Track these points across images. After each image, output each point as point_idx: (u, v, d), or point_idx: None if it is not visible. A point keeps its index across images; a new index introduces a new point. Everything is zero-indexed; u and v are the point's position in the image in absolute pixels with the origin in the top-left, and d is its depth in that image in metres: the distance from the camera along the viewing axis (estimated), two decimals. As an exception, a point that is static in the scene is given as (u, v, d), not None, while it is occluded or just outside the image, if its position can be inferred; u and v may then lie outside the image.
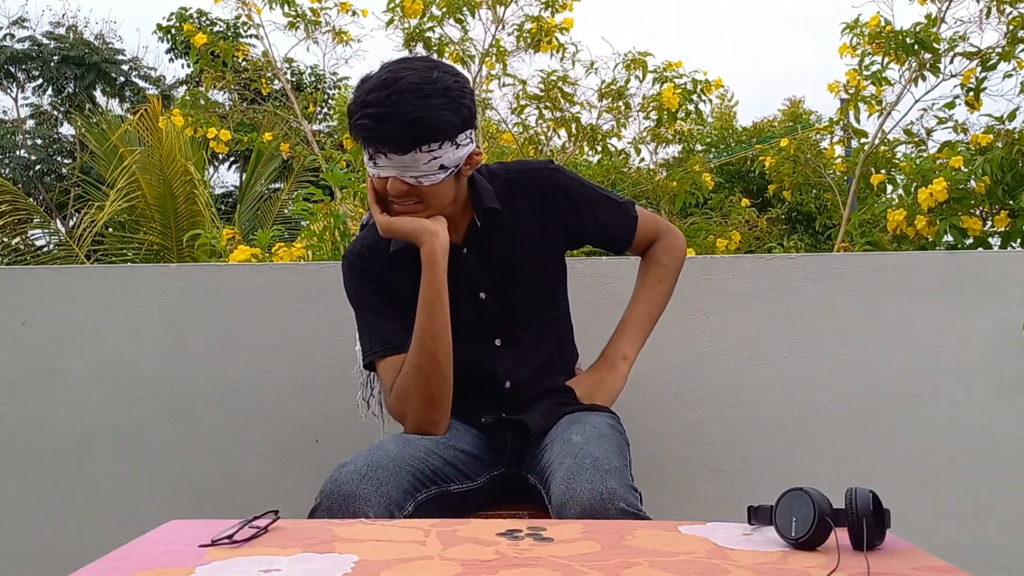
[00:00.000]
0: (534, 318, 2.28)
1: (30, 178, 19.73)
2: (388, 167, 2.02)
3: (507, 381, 2.25)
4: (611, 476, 1.84)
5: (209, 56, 6.60)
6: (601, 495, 1.79)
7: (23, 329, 3.03)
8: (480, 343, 2.24)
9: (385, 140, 1.98)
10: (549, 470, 1.97)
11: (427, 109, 1.96)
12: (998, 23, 5.51)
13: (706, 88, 6.24)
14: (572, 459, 1.91)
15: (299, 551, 1.42)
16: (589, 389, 2.31)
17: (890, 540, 1.46)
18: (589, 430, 2.05)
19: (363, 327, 2.25)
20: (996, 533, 2.88)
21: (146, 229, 11.42)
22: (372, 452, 1.94)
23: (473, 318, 2.20)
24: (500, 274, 2.23)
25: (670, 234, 2.45)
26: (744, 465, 2.93)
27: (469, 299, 2.19)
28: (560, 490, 1.85)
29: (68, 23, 22.20)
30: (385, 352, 2.17)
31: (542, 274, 2.29)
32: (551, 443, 2.07)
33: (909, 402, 2.91)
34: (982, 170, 4.76)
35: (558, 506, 1.84)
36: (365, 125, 1.98)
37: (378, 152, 2.01)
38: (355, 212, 5.38)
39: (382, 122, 1.96)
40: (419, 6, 5.97)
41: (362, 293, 2.24)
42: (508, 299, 2.24)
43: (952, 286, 2.91)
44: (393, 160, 2.00)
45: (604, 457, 1.91)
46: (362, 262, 2.25)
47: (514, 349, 2.26)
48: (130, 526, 2.65)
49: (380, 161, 2.02)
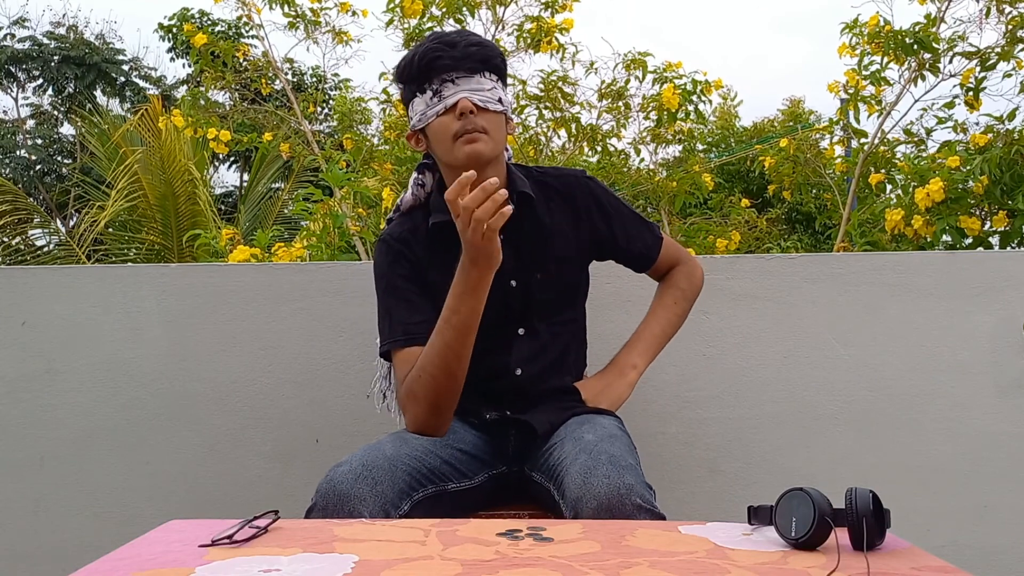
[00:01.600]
0: (555, 314, 2.29)
1: (30, 178, 19.74)
2: (456, 92, 2.15)
3: (518, 369, 2.24)
4: (628, 472, 1.84)
5: (209, 56, 6.60)
6: (619, 490, 1.79)
7: (23, 329, 3.03)
8: (501, 332, 2.23)
9: (460, 59, 2.14)
10: (562, 466, 1.97)
11: (486, 43, 2.22)
12: (997, 23, 5.53)
13: (706, 89, 6.24)
14: (587, 455, 1.91)
15: (299, 551, 1.42)
16: (596, 393, 2.31)
17: (890, 540, 1.46)
18: (600, 430, 2.05)
19: (384, 313, 2.24)
20: (996, 533, 2.88)
21: (147, 229, 11.43)
22: (368, 452, 1.93)
23: (499, 307, 2.17)
24: (531, 264, 2.24)
25: (691, 262, 2.50)
26: (744, 465, 2.93)
27: (498, 286, 2.14)
28: (576, 484, 1.84)
29: (68, 23, 22.22)
30: (405, 343, 2.16)
31: (568, 272, 2.31)
32: (561, 441, 2.06)
33: (909, 402, 2.91)
34: (980, 170, 4.76)
35: (573, 500, 1.83)
36: (437, 49, 2.15)
37: (445, 82, 2.15)
38: (353, 213, 5.39)
39: (453, 46, 2.15)
40: (419, 6, 5.98)
41: (394, 278, 2.24)
42: (534, 290, 2.24)
43: (952, 286, 2.91)
44: (460, 85, 2.14)
45: (619, 454, 1.91)
46: (401, 245, 2.26)
47: (531, 340, 2.26)
48: (130, 526, 2.66)
49: (447, 90, 2.15)
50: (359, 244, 5.88)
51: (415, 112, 2.20)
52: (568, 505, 1.87)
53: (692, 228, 6.92)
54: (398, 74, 2.24)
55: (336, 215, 4.62)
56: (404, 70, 2.21)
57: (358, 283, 2.94)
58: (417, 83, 2.18)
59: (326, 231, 4.65)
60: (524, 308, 2.24)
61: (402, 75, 2.23)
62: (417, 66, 2.16)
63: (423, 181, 2.35)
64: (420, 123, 2.19)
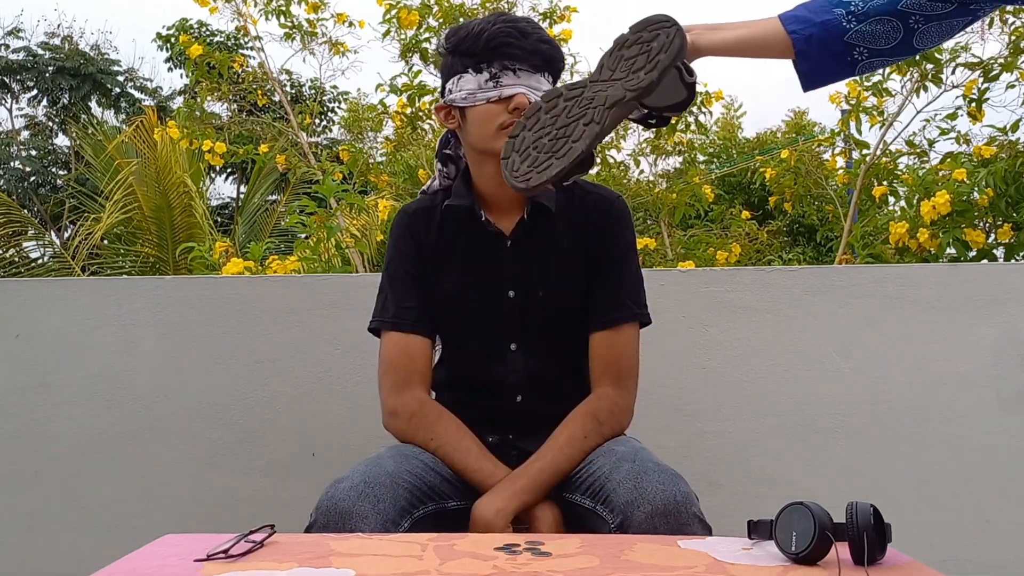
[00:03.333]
0: (553, 335, 2.18)
1: (24, 189, 19.74)
2: (514, 85, 2.04)
3: (518, 396, 2.18)
4: (680, 481, 1.81)
5: (205, 67, 6.61)
6: (675, 497, 1.76)
7: (17, 342, 3.02)
8: (494, 345, 2.18)
9: (528, 53, 2.04)
10: (604, 477, 1.91)
11: (553, 43, 2.11)
12: (1000, 33, 5.54)
13: (706, 100, 6.25)
14: (630, 463, 1.88)
15: (295, 566, 1.41)
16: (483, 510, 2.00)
17: (891, 555, 1.45)
18: (627, 443, 2.04)
19: (382, 289, 2.22)
20: (998, 548, 2.86)
21: (142, 241, 11.42)
22: (369, 467, 1.90)
23: (493, 316, 2.15)
24: (533, 277, 2.15)
25: (628, 395, 2.16)
26: (744, 479, 2.91)
27: (495, 294, 2.13)
28: (626, 489, 1.81)
29: (63, 33, 22.22)
30: (392, 325, 2.16)
31: (574, 297, 2.17)
32: (590, 460, 2.02)
33: (910, 415, 2.89)
34: (985, 182, 4.77)
35: (623, 505, 1.79)
36: (508, 34, 2.03)
37: (506, 70, 2.04)
38: (349, 225, 5.38)
39: (524, 36, 2.04)
40: (415, 17, 5.99)
41: (398, 253, 2.21)
42: (532, 306, 2.16)
43: (954, 299, 2.90)
44: (521, 78, 2.04)
45: (663, 463, 1.89)
46: (411, 220, 2.23)
47: (526, 358, 2.17)
48: (125, 540, 2.63)
49: (507, 79, 2.04)
50: (356, 257, 5.87)
51: (460, 88, 2.08)
52: (616, 511, 1.82)
53: (692, 240, 6.91)
54: (454, 43, 2.10)
55: (330, 228, 4.60)
56: (463, 42, 2.08)
57: (354, 296, 2.93)
58: (473, 59, 2.06)
59: (320, 243, 4.64)
60: (520, 322, 2.17)
61: (458, 46, 2.09)
62: (482, 45, 2.04)
63: (448, 173, 2.29)
64: (464, 102, 2.07)
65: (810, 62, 1.82)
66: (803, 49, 1.80)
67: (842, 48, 1.79)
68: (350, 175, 6.41)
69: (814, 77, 1.86)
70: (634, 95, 1.74)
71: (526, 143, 1.80)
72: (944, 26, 1.77)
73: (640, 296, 2.20)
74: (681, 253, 6.49)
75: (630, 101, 1.75)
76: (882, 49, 1.79)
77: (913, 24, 1.75)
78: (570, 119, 1.78)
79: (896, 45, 1.78)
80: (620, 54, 1.78)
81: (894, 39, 1.77)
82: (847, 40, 1.78)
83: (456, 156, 2.28)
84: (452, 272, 2.17)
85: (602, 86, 1.77)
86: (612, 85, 1.76)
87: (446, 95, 2.13)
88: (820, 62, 1.82)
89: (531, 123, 1.82)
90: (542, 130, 1.80)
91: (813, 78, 1.86)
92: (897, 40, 1.77)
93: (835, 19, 1.77)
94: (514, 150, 1.81)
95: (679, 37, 1.72)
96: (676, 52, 1.72)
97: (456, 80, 2.09)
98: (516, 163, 1.80)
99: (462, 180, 2.22)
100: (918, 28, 1.76)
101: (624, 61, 1.77)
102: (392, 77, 6.23)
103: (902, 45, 1.78)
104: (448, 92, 2.11)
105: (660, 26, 1.75)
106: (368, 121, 7.57)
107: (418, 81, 6.18)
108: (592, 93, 1.78)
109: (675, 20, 1.75)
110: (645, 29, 1.77)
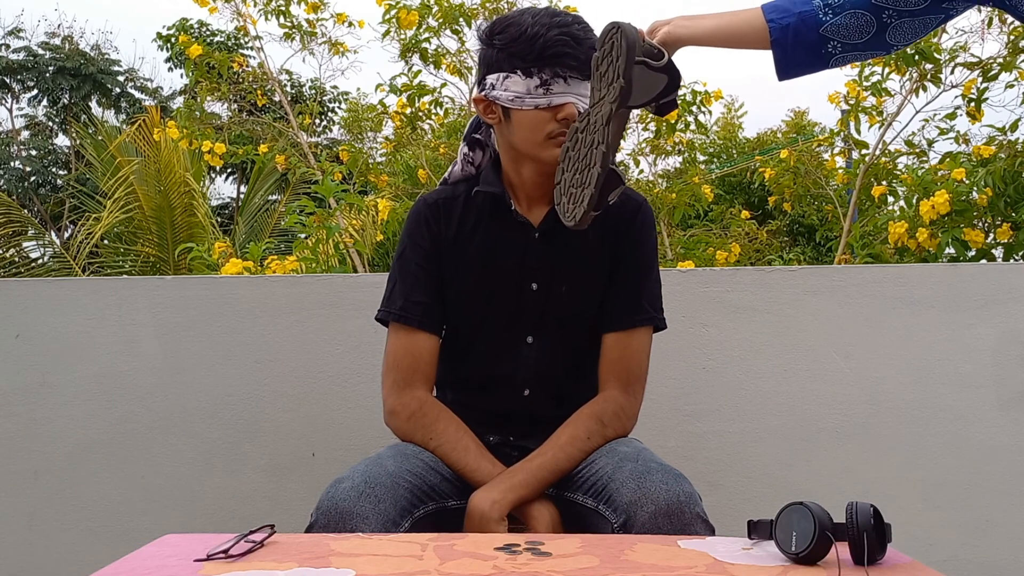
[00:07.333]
0: (569, 331, 2.17)
1: (25, 189, 19.74)
2: (564, 93, 2.00)
3: (526, 389, 2.17)
4: (684, 481, 1.81)
5: (205, 67, 6.61)
6: (679, 497, 1.76)
7: (17, 341, 3.01)
8: (509, 336, 2.16)
9: (582, 62, 1.98)
10: (606, 476, 1.91)
11: None
12: (999, 33, 5.53)
13: (705, 99, 6.24)
14: (633, 462, 1.88)
15: (295, 566, 1.41)
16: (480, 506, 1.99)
17: (891, 555, 1.46)
18: (630, 443, 2.04)
19: (391, 279, 2.19)
20: (998, 548, 2.86)
21: (143, 241, 11.41)
22: (370, 467, 1.90)
23: (514, 307, 2.14)
24: (558, 270, 2.13)
25: (634, 400, 2.15)
26: (744, 479, 2.91)
27: (518, 287, 2.12)
28: (629, 488, 1.81)
29: (64, 33, 22.22)
30: (398, 318, 2.13)
31: (590, 288, 2.16)
32: (592, 460, 2.02)
33: (910, 415, 2.89)
34: (984, 182, 4.77)
35: (626, 504, 1.79)
36: (563, 43, 1.97)
37: (558, 77, 1.99)
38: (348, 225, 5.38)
39: (579, 43, 1.98)
40: (415, 17, 5.98)
41: (412, 246, 2.17)
42: (553, 301, 2.14)
43: (954, 298, 2.90)
44: (572, 87, 2.00)
45: (666, 463, 1.88)
46: (431, 212, 2.18)
47: (539, 353, 2.16)
48: (125, 540, 2.64)
49: (557, 87, 1.99)
50: (355, 257, 5.87)
51: (507, 88, 2.01)
52: (620, 511, 1.82)
53: (692, 240, 6.91)
54: (503, 41, 2.03)
55: (330, 228, 4.60)
56: (514, 43, 2.00)
57: (354, 296, 2.93)
58: (523, 61, 1.99)
59: (319, 243, 4.64)
60: (539, 316, 2.15)
61: (508, 46, 2.02)
62: (537, 52, 1.98)
63: (472, 158, 2.24)
64: (511, 104, 2.01)
65: (785, 51, 1.84)
66: (779, 38, 1.82)
67: (817, 40, 1.80)
68: (350, 175, 6.42)
69: (788, 67, 1.87)
70: (617, 106, 1.81)
71: (566, 184, 1.91)
72: (917, 23, 1.77)
73: (658, 301, 2.19)
74: (681, 253, 6.49)
75: (619, 112, 1.82)
76: (856, 43, 1.80)
77: (886, 19, 1.76)
78: (585, 148, 1.87)
79: (870, 39, 1.79)
80: (598, 74, 1.87)
81: (867, 33, 1.78)
82: (822, 32, 1.79)
83: (485, 143, 2.24)
84: (473, 262, 2.14)
85: (597, 108, 1.85)
86: (602, 104, 1.84)
87: (487, 89, 2.07)
88: (795, 52, 1.83)
89: (566, 164, 1.92)
90: (574, 166, 1.90)
91: (787, 68, 1.87)
92: (870, 34, 1.78)
93: (812, 11, 1.80)
94: (562, 194, 1.92)
95: (623, 37, 1.80)
96: (627, 51, 1.80)
97: (501, 78, 2.03)
98: (565, 205, 1.90)
99: (492, 168, 2.18)
100: (891, 23, 1.77)
101: (602, 79, 1.86)
102: (392, 77, 6.25)
103: (876, 40, 1.79)
104: (491, 87, 2.06)
105: (609, 35, 1.84)
106: (368, 121, 7.58)
107: (418, 81, 6.18)
108: (594, 117, 1.86)
109: (618, 23, 1.84)
110: (603, 44, 1.86)
